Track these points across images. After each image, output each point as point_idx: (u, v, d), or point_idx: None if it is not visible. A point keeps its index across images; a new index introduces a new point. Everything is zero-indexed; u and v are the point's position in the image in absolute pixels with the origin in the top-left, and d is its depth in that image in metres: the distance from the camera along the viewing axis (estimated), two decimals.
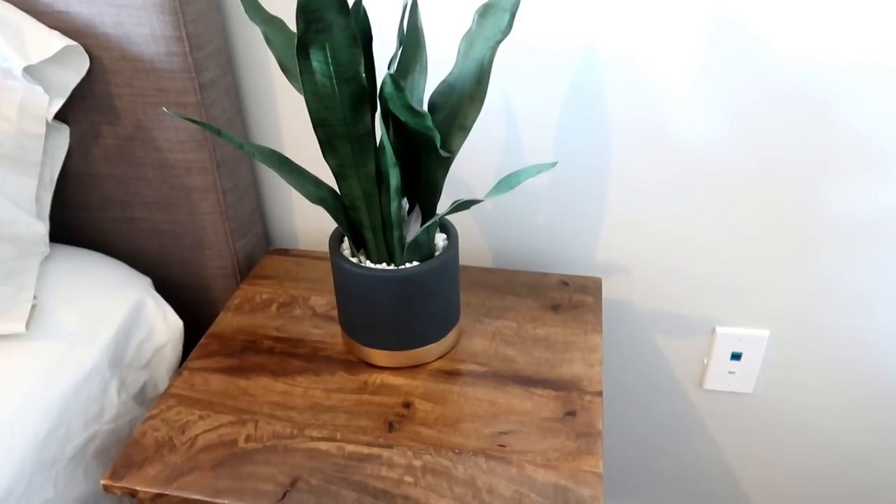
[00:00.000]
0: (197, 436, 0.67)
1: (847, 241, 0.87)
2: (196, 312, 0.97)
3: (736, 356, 0.97)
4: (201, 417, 0.70)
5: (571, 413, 0.68)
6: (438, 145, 0.61)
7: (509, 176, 0.59)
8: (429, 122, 0.59)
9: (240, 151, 0.90)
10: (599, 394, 0.71)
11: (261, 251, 0.98)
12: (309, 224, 1.00)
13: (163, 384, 0.86)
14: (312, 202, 0.66)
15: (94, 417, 0.75)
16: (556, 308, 0.83)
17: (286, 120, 0.92)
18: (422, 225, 0.71)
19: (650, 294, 0.95)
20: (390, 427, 0.68)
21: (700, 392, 1.02)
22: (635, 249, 0.92)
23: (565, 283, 0.87)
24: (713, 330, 0.96)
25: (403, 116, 0.60)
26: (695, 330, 0.97)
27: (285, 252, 0.96)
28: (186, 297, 0.96)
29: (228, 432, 0.68)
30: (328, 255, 0.94)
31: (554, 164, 0.56)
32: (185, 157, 0.85)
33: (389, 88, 0.56)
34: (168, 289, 0.94)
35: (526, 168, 0.58)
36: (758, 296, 0.93)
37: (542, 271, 0.94)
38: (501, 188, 0.59)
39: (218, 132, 0.60)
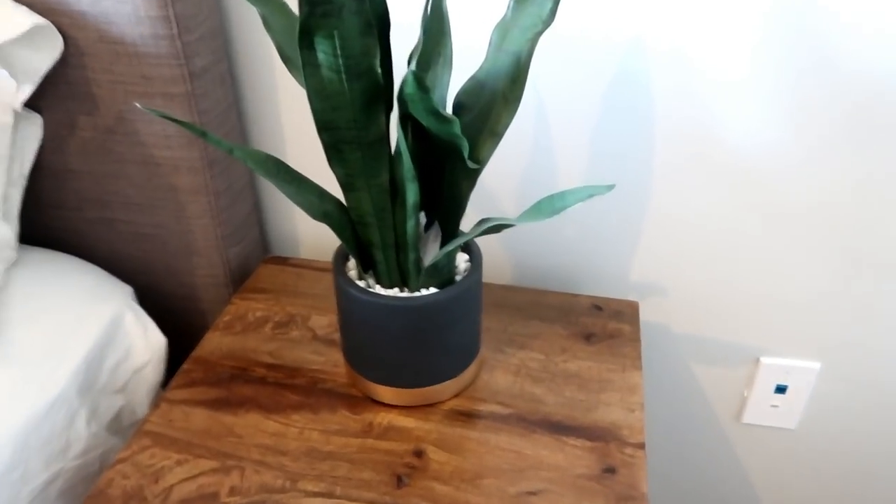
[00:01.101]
0: (172, 486, 0.58)
1: None
2: (182, 325, 0.87)
3: (781, 389, 0.87)
4: (178, 463, 0.60)
5: (610, 470, 0.59)
6: (466, 156, 0.51)
7: (552, 198, 0.49)
8: (456, 129, 0.49)
9: None
10: (642, 446, 0.61)
11: (256, 259, 0.88)
12: (312, 229, 0.90)
13: (141, 409, 0.77)
14: (314, 218, 0.56)
15: (58, 454, 0.65)
16: (588, 338, 0.73)
17: (290, 114, 0.82)
18: (442, 245, 0.61)
19: (689, 318, 0.85)
20: (399, 481, 0.58)
21: (737, 425, 0.93)
22: (674, 268, 0.82)
23: (598, 307, 0.77)
24: (757, 360, 0.86)
25: (426, 121, 0.50)
26: (736, 359, 0.87)
27: (284, 261, 0.86)
28: (171, 307, 0.87)
29: (209, 483, 0.58)
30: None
31: (610, 188, 0.46)
32: (173, 155, 0.75)
33: (411, 88, 0.46)
34: (151, 299, 0.84)
35: (574, 190, 0.47)
36: (810, 325, 0.83)
37: (571, 291, 0.84)
38: (542, 212, 0.49)
39: (203, 134, 0.50)
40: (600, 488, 0.57)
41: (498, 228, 0.52)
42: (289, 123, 0.82)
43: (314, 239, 0.90)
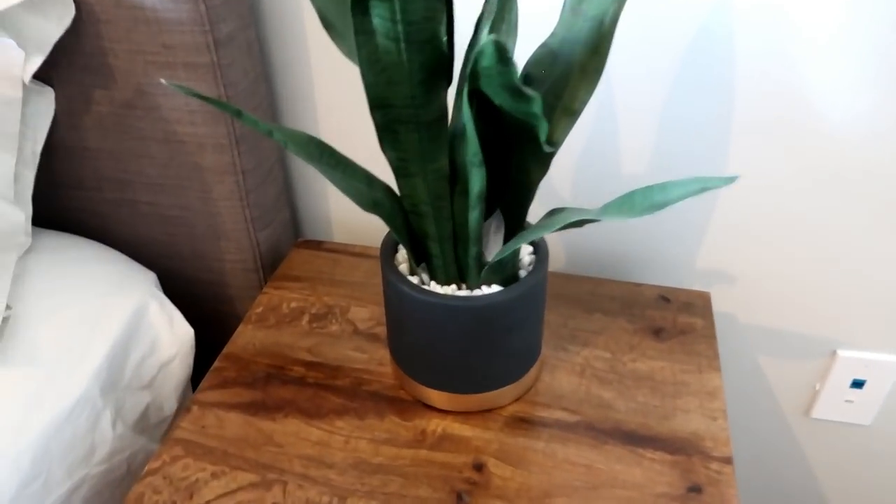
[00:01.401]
0: (209, 502, 0.52)
1: None
2: (209, 312, 0.81)
3: (858, 384, 0.80)
4: (214, 475, 0.54)
5: (696, 489, 0.53)
6: (543, 139, 0.44)
7: (650, 190, 0.41)
8: (536, 108, 0.41)
9: None
10: (729, 460, 0.54)
11: (287, 242, 0.81)
12: (346, 211, 0.83)
13: (169, 406, 0.72)
14: (363, 208, 0.50)
15: (82, 460, 0.60)
16: (657, 333, 0.66)
17: (324, 85, 0.74)
18: (506, 238, 0.54)
19: (759, 308, 0.78)
20: (459, 499, 0.52)
21: (806, 420, 0.86)
22: (745, 252, 0.75)
23: (665, 298, 0.70)
24: (833, 353, 0.79)
25: (499, 99, 0.43)
26: (810, 352, 0.80)
27: (318, 245, 0.79)
28: (198, 293, 0.81)
29: (249, 499, 0.53)
30: (370, 251, 0.78)
31: (732, 180, 0.39)
32: (197, 131, 0.68)
33: (490, 60, 0.39)
34: (175, 285, 0.78)
35: (680, 182, 0.40)
36: (894, 315, 0.75)
37: (631, 279, 0.77)
38: (636, 207, 0.41)
39: (238, 114, 0.43)
40: None
41: (579, 223, 0.45)
42: (322, 96, 0.75)
43: (348, 220, 0.84)
